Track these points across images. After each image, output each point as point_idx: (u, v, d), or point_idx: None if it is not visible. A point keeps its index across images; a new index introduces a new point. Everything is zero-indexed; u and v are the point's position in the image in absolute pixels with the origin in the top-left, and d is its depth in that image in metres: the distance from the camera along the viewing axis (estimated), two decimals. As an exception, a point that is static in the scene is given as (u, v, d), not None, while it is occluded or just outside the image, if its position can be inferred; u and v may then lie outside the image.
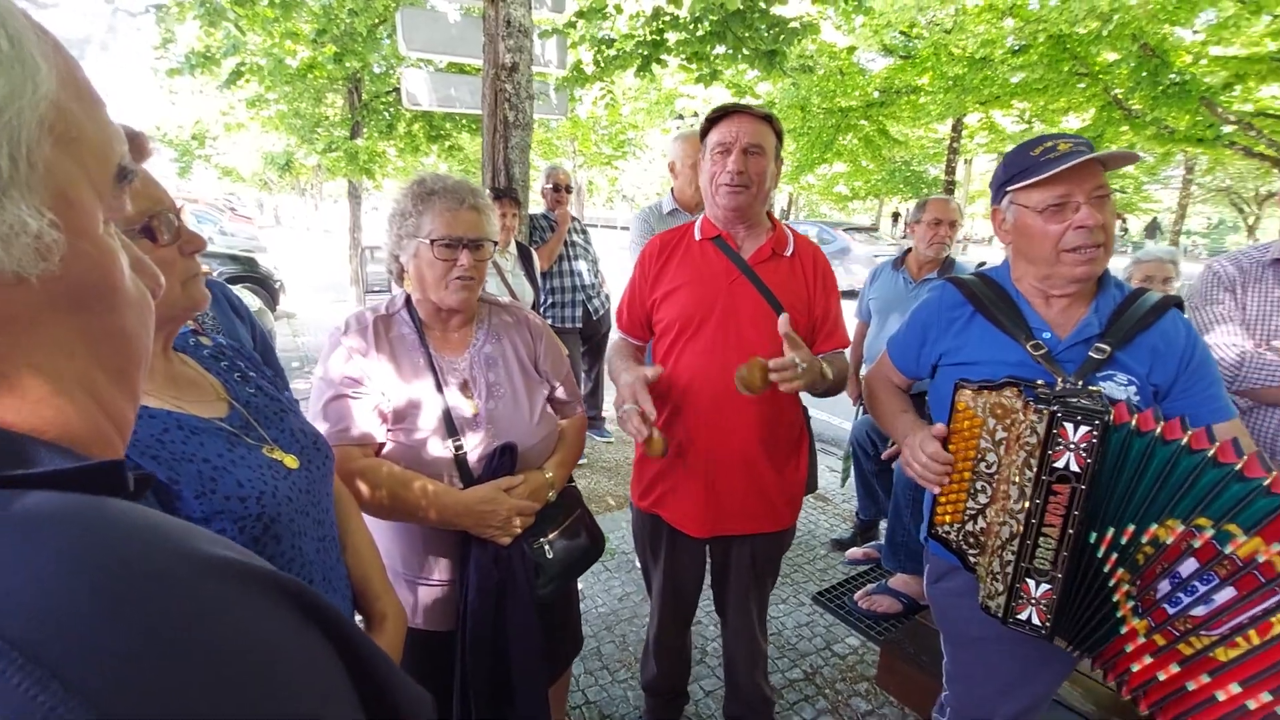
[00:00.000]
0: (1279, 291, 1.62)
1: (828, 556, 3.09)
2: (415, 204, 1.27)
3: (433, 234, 1.25)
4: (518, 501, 1.28)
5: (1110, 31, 9.22)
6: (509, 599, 1.29)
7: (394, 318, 1.36)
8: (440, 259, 1.25)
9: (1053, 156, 1.18)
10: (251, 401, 0.94)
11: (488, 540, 1.28)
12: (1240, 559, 0.92)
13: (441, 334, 1.37)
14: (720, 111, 1.47)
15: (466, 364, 1.36)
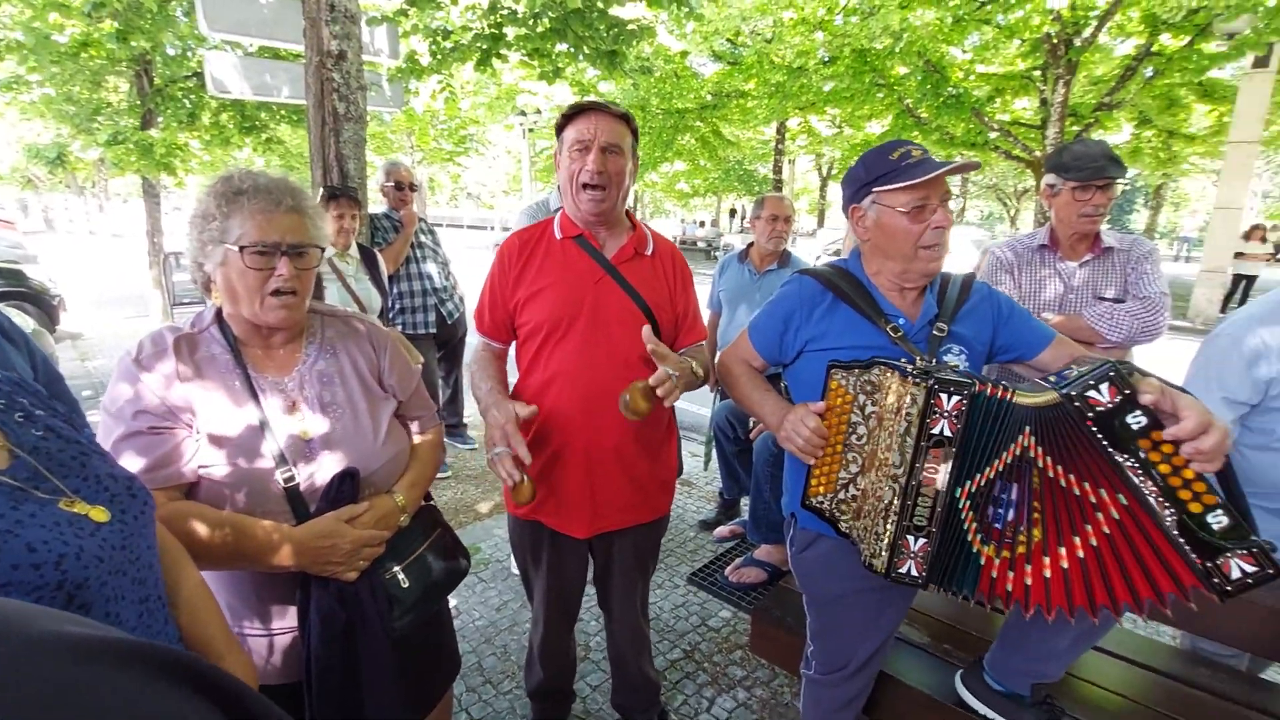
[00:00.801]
0: (1045, 271, 1.97)
1: (696, 538, 3.24)
2: (220, 205, 1.10)
3: (242, 239, 1.09)
4: (362, 532, 1.16)
5: (901, 48, 10.52)
6: (361, 639, 1.18)
7: (201, 336, 1.18)
8: (252, 268, 1.10)
9: (911, 162, 1.33)
10: (40, 446, 0.78)
11: (331, 578, 1.16)
12: (1013, 457, 1.14)
13: (263, 351, 1.22)
14: (576, 108, 1.45)
15: (295, 383, 1.21)
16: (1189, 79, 11.08)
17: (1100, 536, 1.11)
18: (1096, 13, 10.00)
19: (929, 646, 1.90)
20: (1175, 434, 1.03)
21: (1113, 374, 1.05)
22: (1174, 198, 28.80)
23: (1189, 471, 1.04)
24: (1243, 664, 1.89)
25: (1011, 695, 1.55)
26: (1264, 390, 1.60)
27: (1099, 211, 1.84)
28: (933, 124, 12.64)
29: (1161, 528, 1.06)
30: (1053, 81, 11.00)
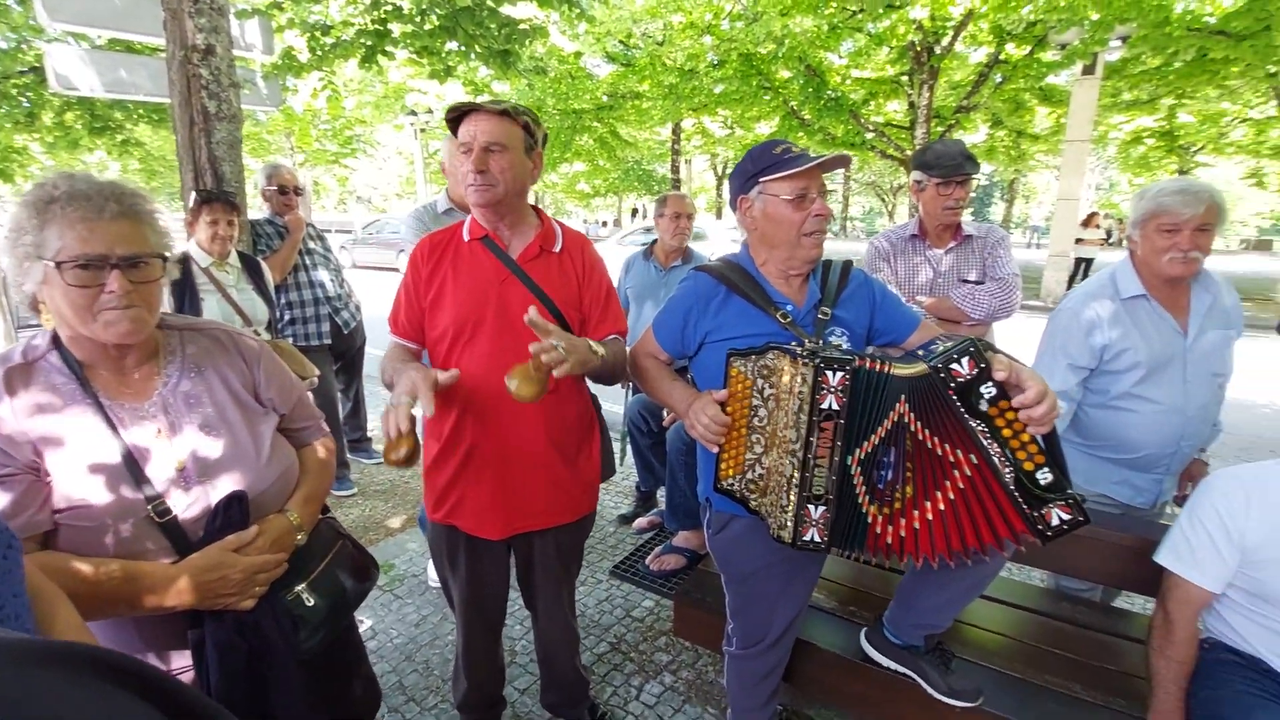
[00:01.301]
0: (917, 258, 2.18)
1: (617, 532, 3.29)
2: (32, 215, 0.97)
3: (61, 254, 0.96)
4: (255, 558, 1.10)
5: (783, 53, 11.08)
6: (267, 667, 1.12)
7: (37, 365, 1.05)
8: (76, 285, 0.97)
9: (792, 155, 1.43)
10: None
11: (226, 610, 1.09)
12: (892, 423, 1.26)
13: (114, 376, 1.09)
14: (455, 110, 1.43)
15: (158, 407, 1.10)
16: (1031, 84, 12.42)
17: (956, 491, 1.26)
18: (952, 23, 10.97)
19: (838, 610, 2.04)
20: (1019, 402, 1.18)
21: (972, 350, 1.19)
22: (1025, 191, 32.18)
23: (1026, 435, 1.20)
24: (1097, 595, 2.17)
25: (908, 646, 1.70)
26: (1099, 355, 1.85)
27: (960, 204, 2.05)
28: (816, 125, 13.39)
29: (1002, 483, 1.22)
30: (918, 86, 11.96)
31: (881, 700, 1.80)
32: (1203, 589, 1.50)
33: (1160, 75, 12.17)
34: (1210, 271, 1.87)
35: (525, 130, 1.43)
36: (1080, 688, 1.70)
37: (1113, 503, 1.99)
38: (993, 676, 1.73)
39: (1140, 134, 17.20)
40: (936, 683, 1.63)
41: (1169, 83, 12.52)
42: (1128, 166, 19.15)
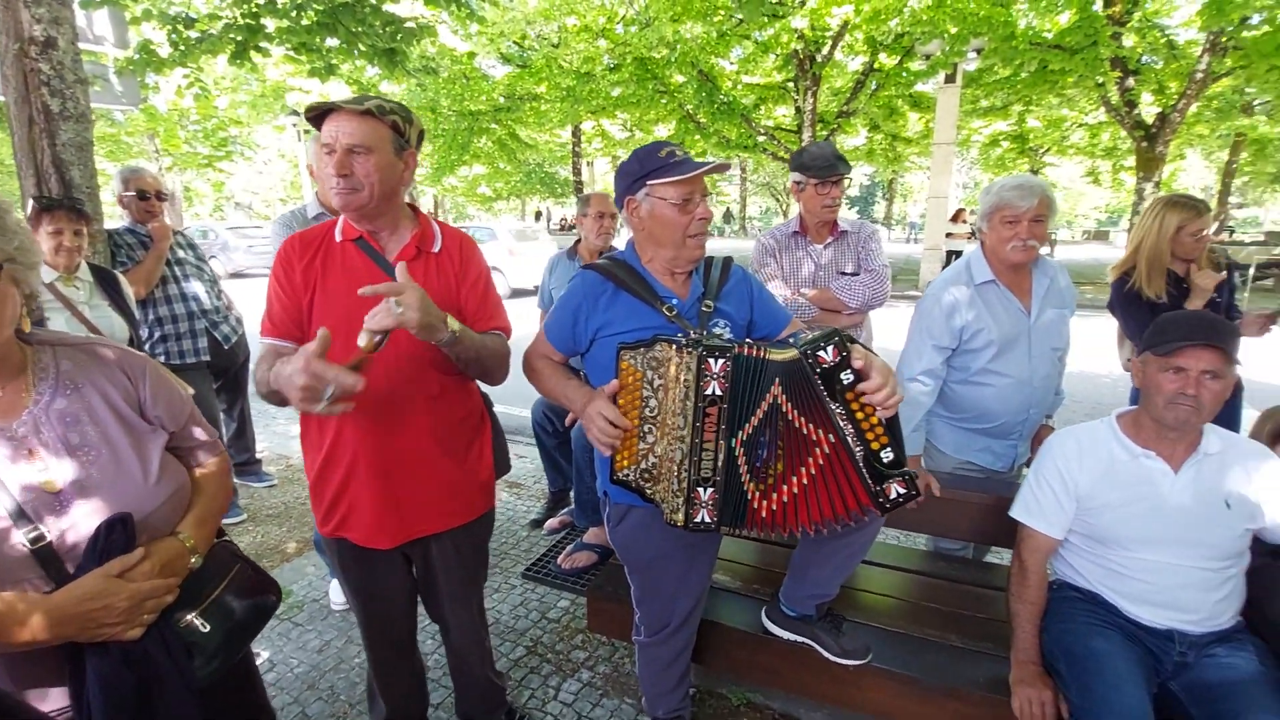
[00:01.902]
0: (799, 254, 2.32)
1: (530, 537, 3.27)
2: None
3: None
4: (142, 584, 1.03)
5: (676, 58, 11.35)
6: (158, 699, 1.05)
7: None
8: None
9: (677, 160, 1.48)
10: None
11: (110, 640, 1.01)
12: (769, 405, 1.35)
13: None
14: (315, 110, 1.35)
15: (28, 428, 1.03)
16: (902, 91, 13.43)
17: (816, 468, 1.37)
18: (831, 34, 11.67)
19: (743, 590, 2.14)
20: (870, 388, 1.30)
21: (836, 339, 1.30)
22: (902, 190, 34.75)
23: (874, 418, 1.32)
24: (969, 553, 2.40)
25: (802, 617, 1.81)
26: (959, 336, 2.05)
27: (835, 202, 2.22)
28: (711, 128, 13.83)
29: (854, 460, 1.34)
30: (803, 92, 12.64)
31: (785, 670, 1.91)
32: (1049, 536, 1.70)
33: (1010, 84, 13.53)
34: (1046, 258, 2.12)
35: (394, 130, 1.36)
36: (956, 636, 1.88)
37: (978, 469, 2.21)
38: (880, 635, 1.88)
39: (997, 137, 19.06)
40: (830, 646, 1.76)
41: (1018, 91, 13.95)
42: (988, 166, 21.16)
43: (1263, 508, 1.53)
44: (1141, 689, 1.45)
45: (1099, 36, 10.48)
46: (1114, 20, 10.76)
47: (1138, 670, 1.49)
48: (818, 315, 2.24)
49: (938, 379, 2.09)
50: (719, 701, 2.16)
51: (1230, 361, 1.47)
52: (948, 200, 11.24)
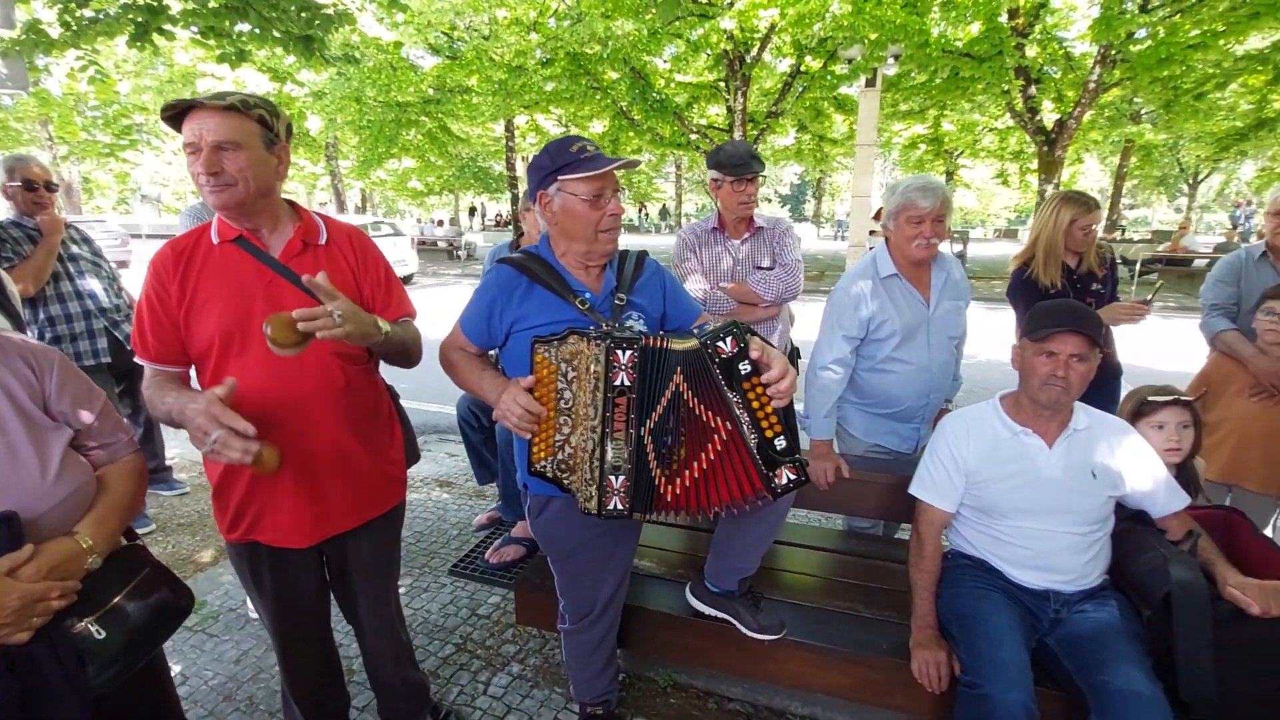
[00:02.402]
0: (718, 248, 2.40)
1: (460, 536, 3.24)
2: None
3: None
4: (33, 585, 1.00)
5: (609, 54, 11.36)
6: (46, 708, 1.02)
7: None
8: None
9: (589, 156, 1.50)
10: None
11: None
12: (672, 393, 1.41)
13: None
14: (173, 110, 1.29)
15: None
16: (827, 94, 13.89)
17: (715, 453, 1.43)
18: (759, 36, 11.95)
19: (667, 575, 2.20)
20: (766, 379, 1.38)
21: (735, 331, 1.37)
22: (830, 189, 35.94)
23: (769, 408, 1.40)
24: (880, 530, 2.55)
25: (725, 593, 1.89)
26: (866, 326, 2.18)
27: (751, 199, 2.31)
28: (645, 126, 13.92)
29: (748, 447, 1.41)
30: (734, 92, 12.90)
31: (708, 648, 1.99)
32: (942, 510, 1.84)
33: (926, 90, 14.24)
34: (944, 253, 2.27)
35: (261, 124, 1.33)
36: (863, 608, 2.00)
37: (886, 451, 2.36)
38: (795, 610, 1.98)
39: (916, 140, 19.99)
40: (748, 621, 1.84)
41: (933, 96, 14.69)
42: (908, 168, 22.17)
43: (1124, 477, 1.71)
44: (1021, 645, 1.60)
45: (1004, 46, 11.18)
46: (1017, 32, 11.50)
47: (1018, 628, 1.64)
48: (735, 308, 2.32)
49: (847, 367, 2.21)
50: (647, 684, 2.22)
51: (1094, 346, 1.64)
52: (870, 199, 11.72)
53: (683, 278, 2.37)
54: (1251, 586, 1.52)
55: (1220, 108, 14.86)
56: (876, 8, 9.33)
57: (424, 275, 15.91)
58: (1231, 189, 30.77)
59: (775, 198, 45.74)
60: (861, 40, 9.76)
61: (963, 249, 14.71)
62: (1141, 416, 1.93)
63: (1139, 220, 32.00)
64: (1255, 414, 2.28)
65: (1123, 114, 15.85)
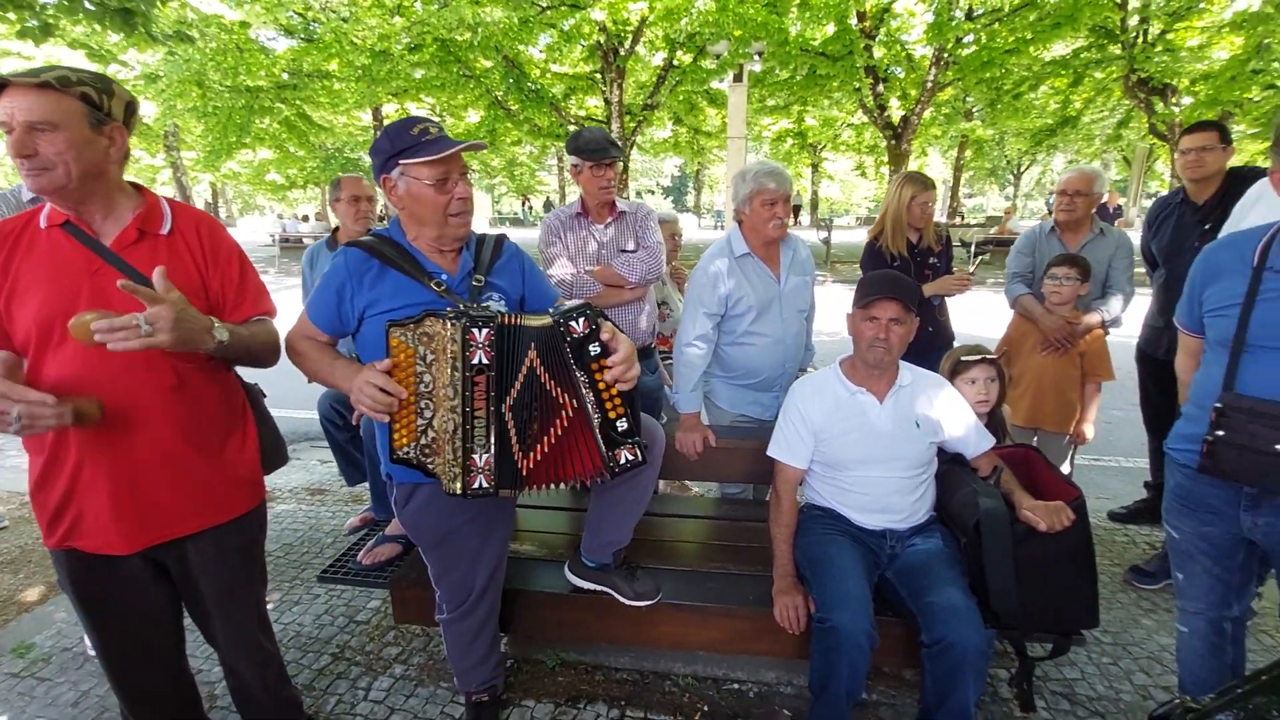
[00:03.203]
0: (583, 233, 2.46)
1: (335, 544, 3.08)
2: None
3: None
4: None
5: (479, 42, 11.06)
6: None
7: None
8: None
9: (430, 139, 1.46)
10: None
11: None
12: (528, 370, 1.43)
13: None
14: None
15: None
16: (698, 88, 14.35)
17: (561, 429, 1.48)
18: (631, 28, 12.12)
19: (548, 556, 2.23)
20: (612, 361, 1.43)
21: (588, 312, 1.42)
22: (709, 181, 37.17)
23: (614, 390, 1.46)
24: (749, 494, 2.72)
25: (601, 566, 1.96)
26: (725, 303, 2.31)
27: (611, 184, 2.37)
28: (521, 116, 13.70)
29: (591, 426, 1.47)
30: (609, 83, 13.00)
31: (591, 622, 2.05)
32: (796, 467, 2.01)
33: (788, 86, 15.10)
34: (791, 233, 2.45)
35: (86, 101, 1.22)
36: (733, 565, 2.14)
37: (751, 420, 2.52)
38: (671, 575, 2.08)
39: (783, 134, 21.18)
40: (625, 590, 1.91)
41: (795, 92, 15.62)
42: (778, 159, 23.44)
43: (942, 425, 1.95)
44: (863, 580, 1.79)
45: (854, 47, 12.09)
46: (866, 34, 12.47)
47: (861, 566, 1.83)
48: (602, 290, 2.38)
49: (710, 343, 2.34)
50: (534, 666, 2.25)
51: (910, 310, 1.85)
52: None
53: (550, 262, 2.40)
54: (1039, 508, 1.79)
55: (1034, 107, 16.93)
56: (739, 5, 9.77)
57: (289, 275, 14.76)
58: (1047, 179, 35.25)
59: (658, 189, 46.62)
60: (727, 36, 10.17)
61: (828, 235, 15.77)
62: (957, 374, 2.20)
63: (976, 208, 35.88)
64: (1047, 366, 2.67)
65: (957, 111, 17.65)
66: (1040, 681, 2.12)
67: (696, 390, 2.35)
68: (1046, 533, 1.75)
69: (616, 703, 2.09)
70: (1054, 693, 2.10)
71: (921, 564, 1.83)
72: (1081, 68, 13.78)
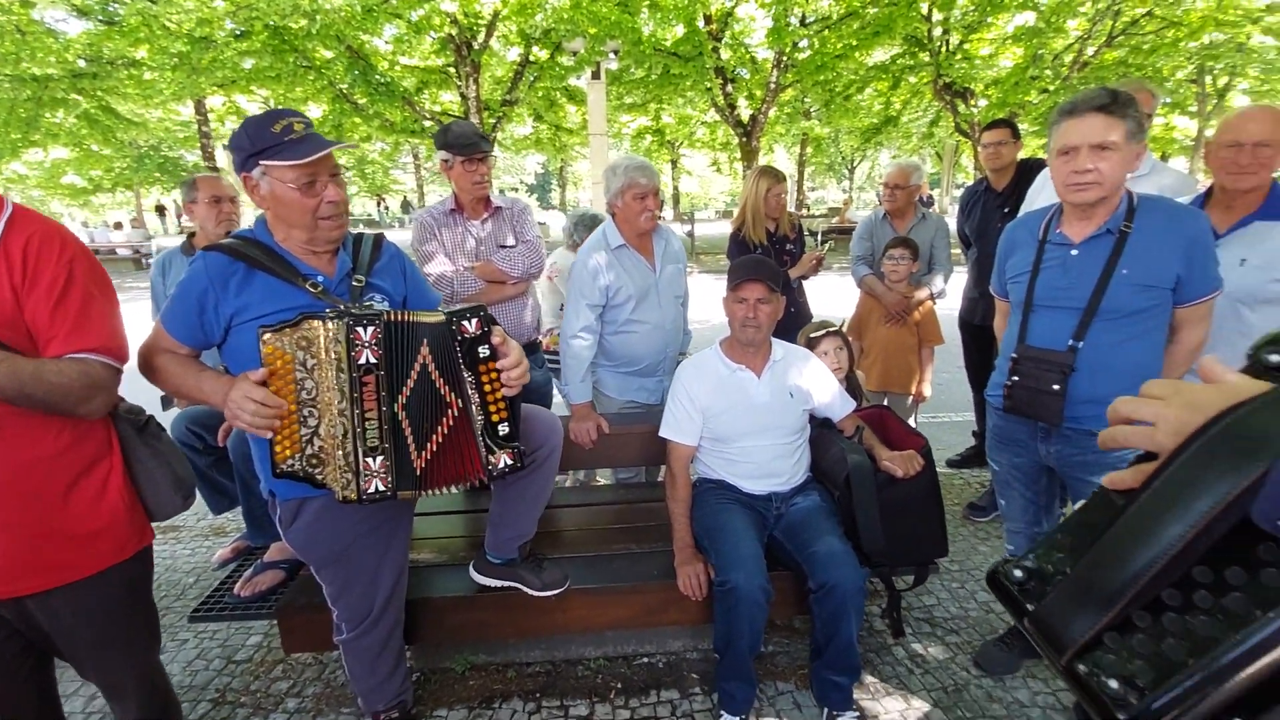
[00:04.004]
0: (459, 230, 2.42)
1: (199, 582, 2.80)
2: None
3: None
4: None
5: (318, 30, 10.26)
6: None
7: None
8: None
9: (294, 138, 1.37)
10: None
11: None
12: (420, 367, 1.41)
13: None
14: None
15: None
16: (557, 84, 14.34)
17: (447, 429, 1.48)
18: (484, 22, 11.83)
19: (450, 561, 2.19)
20: (502, 365, 1.44)
21: (481, 314, 1.42)
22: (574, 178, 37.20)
23: (500, 394, 1.47)
24: (643, 477, 2.83)
25: (507, 561, 1.96)
26: (606, 294, 2.38)
27: (484, 178, 2.35)
28: (371, 110, 12.91)
29: (473, 428, 1.46)
30: (465, 78, 12.61)
31: (499, 620, 2.05)
32: (687, 445, 2.13)
33: (644, 84, 15.50)
34: (662, 224, 2.57)
35: None
36: (635, 545, 2.24)
37: (639, 405, 2.62)
38: (577, 562, 2.13)
39: (642, 131, 21.68)
40: (533, 582, 1.94)
41: (651, 91, 16.06)
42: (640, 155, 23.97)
43: (812, 394, 2.16)
44: (755, 541, 1.94)
45: (703, 49, 12.67)
46: (713, 36, 13.10)
47: (752, 529, 1.99)
48: (484, 287, 2.36)
49: (595, 334, 2.40)
50: (444, 675, 2.20)
51: (774, 290, 2.02)
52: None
53: (426, 259, 2.33)
54: (896, 458, 2.04)
55: (862, 107, 18.68)
56: (592, 4, 9.87)
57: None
58: (876, 172, 39.12)
59: (522, 187, 45.88)
60: (583, 34, 10.25)
61: (690, 228, 16.44)
62: (811, 347, 2.44)
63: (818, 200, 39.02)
64: (890, 336, 3.03)
65: (798, 111, 19.04)
66: (906, 611, 2.42)
67: (586, 380, 2.41)
68: (903, 479, 2.01)
69: (531, 696, 2.10)
70: (918, 618, 2.40)
71: (803, 519, 2.02)
72: (899, 72, 15.44)
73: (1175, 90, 16.98)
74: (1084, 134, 1.56)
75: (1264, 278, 1.85)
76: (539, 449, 1.76)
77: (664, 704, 2.06)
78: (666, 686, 2.13)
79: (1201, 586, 0.46)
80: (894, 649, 2.25)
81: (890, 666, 2.17)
